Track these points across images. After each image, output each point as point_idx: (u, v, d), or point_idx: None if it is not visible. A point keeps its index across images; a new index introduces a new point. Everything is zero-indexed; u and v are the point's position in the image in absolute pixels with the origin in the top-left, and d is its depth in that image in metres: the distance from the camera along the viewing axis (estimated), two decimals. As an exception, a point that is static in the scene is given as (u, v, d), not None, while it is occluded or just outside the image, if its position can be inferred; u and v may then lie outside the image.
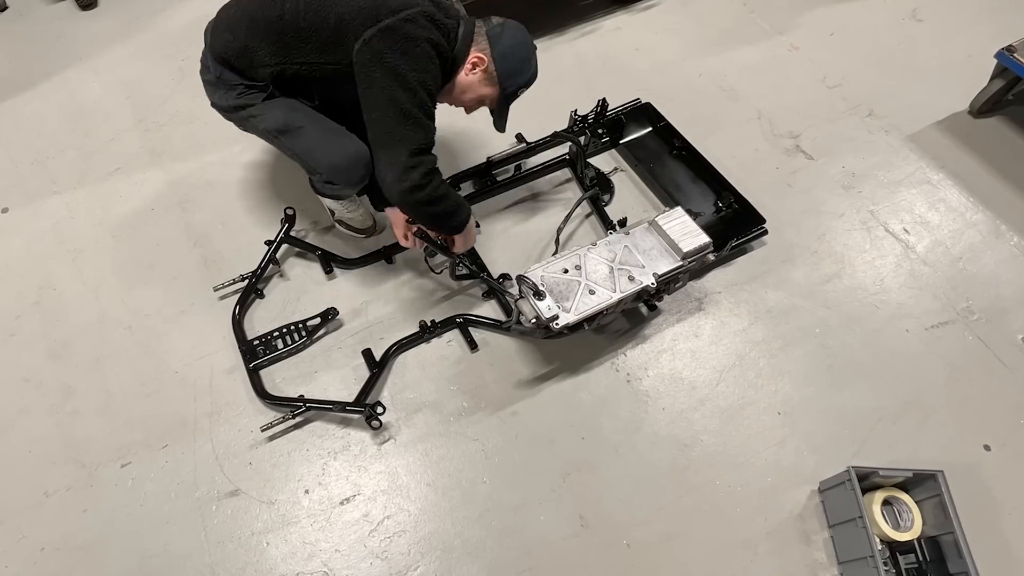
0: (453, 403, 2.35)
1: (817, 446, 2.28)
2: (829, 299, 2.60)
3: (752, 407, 2.36)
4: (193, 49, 3.43)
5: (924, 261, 2.71)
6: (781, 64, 3.43)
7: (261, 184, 2.93)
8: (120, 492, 2.18)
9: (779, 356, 2.47)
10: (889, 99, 3.24)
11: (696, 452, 2.26)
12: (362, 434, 2.29)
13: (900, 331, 2.53)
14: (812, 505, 2.17)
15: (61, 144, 3.10)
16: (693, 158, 2.91)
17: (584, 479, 2.21)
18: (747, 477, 2.22)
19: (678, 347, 2.49)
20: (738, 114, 3.21)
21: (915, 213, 2.85)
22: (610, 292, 2.19)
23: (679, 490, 2.20)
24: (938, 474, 2.02)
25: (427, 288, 2.62)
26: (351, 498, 2.18)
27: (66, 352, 2.47)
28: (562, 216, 2.68)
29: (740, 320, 2.55)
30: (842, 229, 2.80)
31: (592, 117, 2.93)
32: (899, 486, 2.12)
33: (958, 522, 1.95)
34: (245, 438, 2.27)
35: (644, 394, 2.38)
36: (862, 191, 2.92)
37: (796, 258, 2.71)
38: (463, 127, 3.05)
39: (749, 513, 2.16)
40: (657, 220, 2.33)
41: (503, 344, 2.49)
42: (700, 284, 2.64)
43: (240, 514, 2.14)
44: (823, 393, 2.39)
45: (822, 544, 2.10)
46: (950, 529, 1.96)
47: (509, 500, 2.17)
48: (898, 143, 3.08)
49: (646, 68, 3.41)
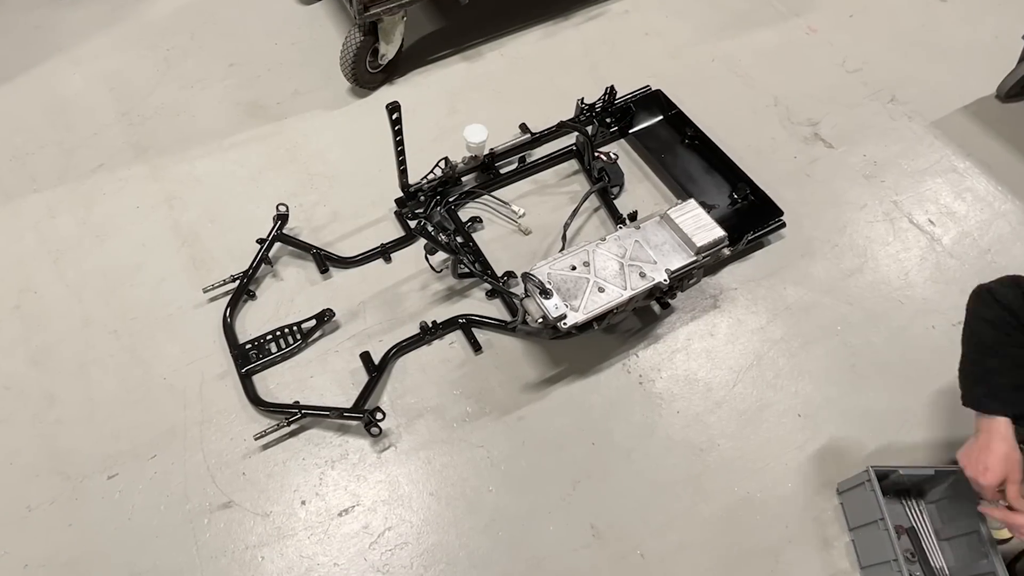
0: (456, 408, 2.35)
1: (839, 450, 2.27)
2: (851, 295, 2.60)
3: (771, 409, 2.35)
4: (179, 39, 3.46)
5: (951, 254, 2.70)
6: (798, 48, 3.42)
7: (252, 180, 2.93)
8: (107, 505, 2.18)
9: (799, 355, 2.46)
10: (912, 83, 3.23)
11: (712, 457, 2.26)
12: (361, 442, 2.28)
13: (926, 328, 2.52)
14: (832, 508, 2.17)
15: (41, 140, 3.10)
16: (706, 148, 2.90)
17: (595, 487, 2.21)
18: (766, 483, 2.22)
19: (693, 347, 2.48)
20: (754, 101, 3.20)
21: (941, 203, 2.84)
22: (620, 290, 2.18)
23: (695, 497, 2.19)
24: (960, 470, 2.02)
25: (428, 287, 2.61)
26: (350, 509, 2.17)
27: (48, 358, 2.47)
28: (569, 210, 2.67)
29: (758, 318, 2.55)
30: (864, 221, 2.79)
31: (600, 105, 2.93)
32: (918, 486, 2.13)
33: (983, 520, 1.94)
34: (238, 447, 2.27)
35: (657, 397, 2.38)
36: (885, 180, 2.91)
37: (816, 252, 2.70)
38: (458, 121, 3.05)
39: (768, 520, 2.15)
40: (669, 213, 2.32)
41: (508, 346, 2.48)
42: (715, 280, 2.63)
43: (233, 527, 2.14)
44: (845, 394, 2.38)
45: (843, 549, 2.10)
46: (974, 528, 1.96)
47: (516, 510, 2.17)
48: (922, 130, 3.07)
49: (656, 53, 3.40)
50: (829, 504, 2.18)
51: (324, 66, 3.28)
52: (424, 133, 3.02)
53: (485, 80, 3.31)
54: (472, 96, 3.24)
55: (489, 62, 3.38)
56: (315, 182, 2.91)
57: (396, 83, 3.29)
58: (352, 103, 3.21)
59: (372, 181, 2.87)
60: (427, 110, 3.16)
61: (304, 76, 3.31)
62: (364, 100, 3.22)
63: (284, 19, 3.57)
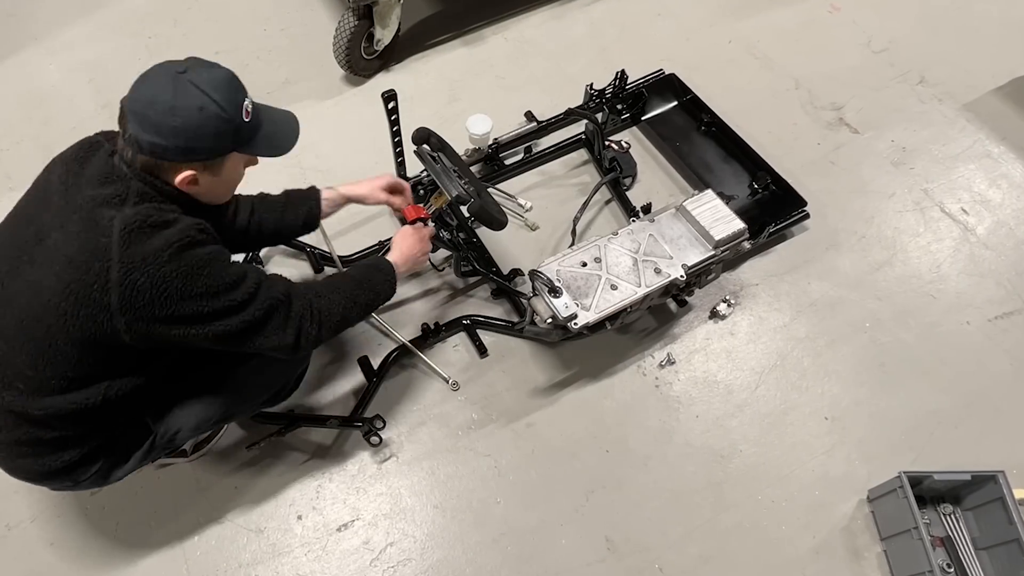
0: (461, 415, 2.35)
1: (869, 455, 2.27)
2: (880, 289, 2.59)
3: (796, 412, 2.35)
4: (161, 26, 3.46)
5: (985, 244, 2.69)
6: (821, 27, 3.41)
7: (240, 174, 2.93)
8: (91, 522, 2.17)
9: (825, 355, 2.46)
10: (942, 63, 3.22)
11: (734, 464, 2.26)
12: (360, 452, 2.28)
13: (960, 324, 2.51)
14: (862, 516, 2.17)
15: (16, 135, 3.10)
16: (724, 135, 2.90)
17: (610, 497, 2.21)
18: (792, 491, 2.21)
19: (712, 347, 2.48)
20: (774, 84, 3.20)
21: (974, 191, 2.83)
22: (634, 287, 2.18)
23: (716, 507, 2.19)
24: (998, 475, 2.02)
25: (429, 287, 2.62)
26: (349, 523, 2.17)
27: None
28: (579, 203, 2.67)
29: (781, 315, 2.54)
30: (893, 211, 2.79)
31: (610, 91, 2.92)
32: (953, 492, 2.13)
33: (1023, 526, 1.94)
34: (229, 459, 2.27)
35: (675, 400, 2.37)
36: (914, 167, 2.91)
37: (842, 244, 2.70)
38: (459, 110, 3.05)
39: (795, 531, 2.15)
40: (685, 205, 2.32)
41: (516, 348, 2.48)
42: (735, 276, 2.63)
43: (225, 544, 2.14)
44: (875, 395, 2.38)
45: (875, 560, 2.10)
46: (1014, 536, 1.95)
47: (526, 522, 2.17)
48: (953, 113, 3.06)
49: (670, 35, 3.40)
50: (859, 513, 2.17)
51: (316, 53, 3.28)
52: (423, 123, 2.98)
53: (488, 66, 3.30)
54: (474, 83, 3.24)
55: (492, 46, 3.38)
56: (308, 176, 2.91)
57: (393, 70, 3.29)
58: (346, 92, 3.21)
59: (368, 174, 2.83)
60: (426, 99, 3.15)
61: (295, 64, 3.31)
62: (359, 89, 3.22)
63: (273, 3, 3.57)
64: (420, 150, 2.23)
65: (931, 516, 2.13)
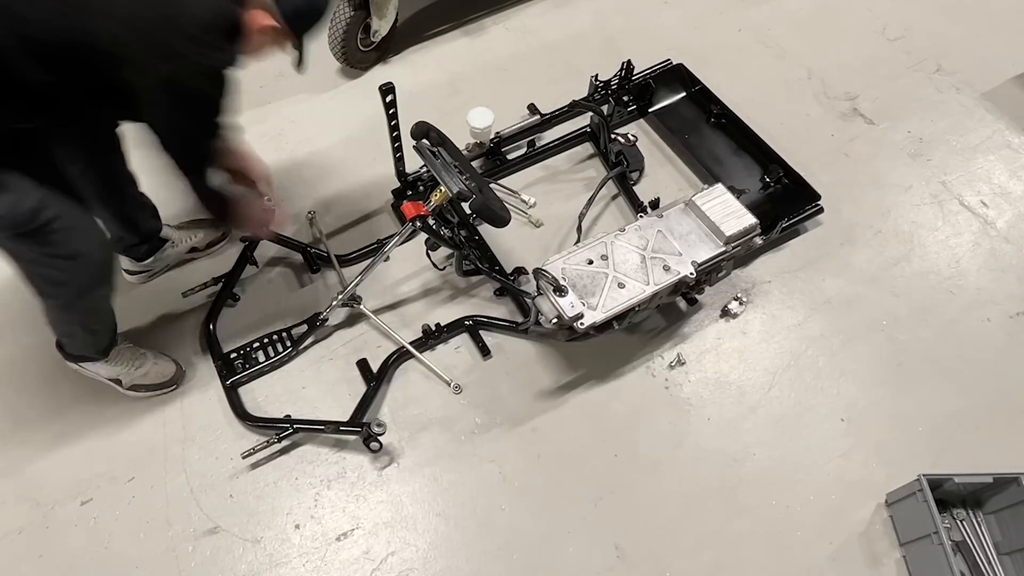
0: (464, 419, 2.35)
1: (887, 457, 2.27)
2: (897, 286, 2.59)
3: (811, 414, 2.35)
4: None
5: (1006, 238, 2.69)
6: (834, 14, 3.41)
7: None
8: (81, 533, 2.18)
9: (840, 354, 2.46)
10: (960, 52, 3.22)
11: (748, 468, 2.26)
12: (360, 458, 2.28)
13: (981, 320, 2.51)
14: (880, 521, 2.17)
15: None
16: (734, 126, 2.90)
17: (619, 503, 2.21)
18: (807, 495, 2.21)
19: (723, 347, 2.48)
20: (785, 74, 3.20)
21: (994, 183, 2.83)
22: (643, 285, 2.18)
23: (729, 512, 2.19)
24: (1022, 477, 2.02)
25: (430, 287, 2.62)
26: (349, 533, 2.17)
27: (12, 374, 2.47)
28: (584, 198, 2.67)
29: (794, 313, 2.54)
30: (910, 204, 2.79)
31: (616, 82, 2.93)
32: (975, 495, 2.12)
33: None
34: (224, 467, 2.27)
35: (685, 402, 2.37)
36: (932, 159, 2.90)
37: (857, 239, 2.70)
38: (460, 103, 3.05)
39: (810, 536, 2.15)
40: (695, 200, 2.31)
41: (520, 349, 2.48)
42: (747, 272, 2.63)
43: (221, 555, 2.14)
44: (893, 395, 2.38)
45: (894, 566, 2.10)
46: None
47: (532, 530, 2.17)
48: (972, 102, 3.06)
49: (677, 24, 3.40)
50: (877, 517, 2.17)
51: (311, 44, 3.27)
52: (422, 117, 2.98)
53: (489, 57, 3.30)
54: (475, 75, 3.24)
55: (493, 37, 3.38)
56: (303, 172, 2.91)
57: (390, 62, 3.29)
58: (342, 85, 3.21)
59: (366, 170, 2.88)
60: (425, 91, 3.16)
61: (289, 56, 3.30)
62: (355, 81, 3.22)
63: (265, -6, 3.56)
64: (420, 145, 2.23)
65: (952, 521, 2.13)
